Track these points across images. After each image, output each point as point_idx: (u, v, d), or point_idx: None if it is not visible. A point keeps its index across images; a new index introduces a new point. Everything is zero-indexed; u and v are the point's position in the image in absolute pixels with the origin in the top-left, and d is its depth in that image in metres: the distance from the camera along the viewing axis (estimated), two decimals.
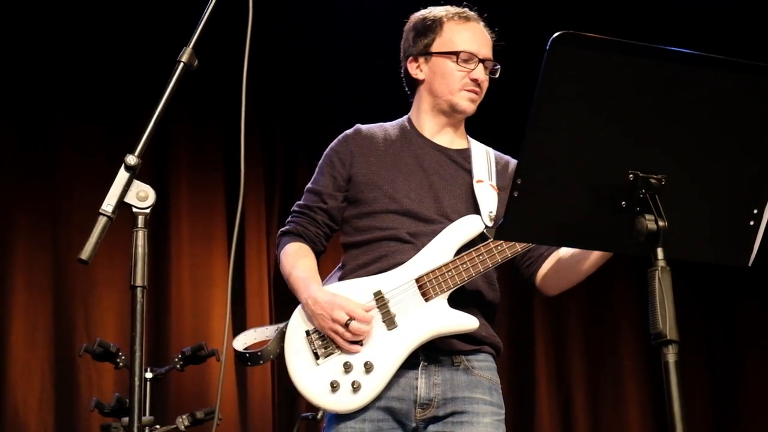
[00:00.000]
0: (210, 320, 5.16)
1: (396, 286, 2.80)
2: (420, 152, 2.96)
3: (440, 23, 2.97)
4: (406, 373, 2.78)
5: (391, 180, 2.90)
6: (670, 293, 1.90)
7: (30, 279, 4.96)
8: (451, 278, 2.78)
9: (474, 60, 2.94)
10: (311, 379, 2.76)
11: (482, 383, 2.85)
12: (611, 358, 5.96)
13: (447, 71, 2.94)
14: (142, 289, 1.93)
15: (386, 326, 2.77)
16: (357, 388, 2.72)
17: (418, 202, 2.88)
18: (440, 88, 2.95)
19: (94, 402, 3.99)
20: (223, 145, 5.43)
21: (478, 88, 2.95)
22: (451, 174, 2.95)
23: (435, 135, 3.00)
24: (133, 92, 5.11)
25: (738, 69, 1.97)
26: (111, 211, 1.94)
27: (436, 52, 2.95)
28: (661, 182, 1.97)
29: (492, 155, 3.04)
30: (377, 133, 2.99)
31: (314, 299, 2.78)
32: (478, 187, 2.92)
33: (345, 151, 2.96)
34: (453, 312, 2.79)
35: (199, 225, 5.32)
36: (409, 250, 2.84)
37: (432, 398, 2.78)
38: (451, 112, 2.97)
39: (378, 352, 2.75)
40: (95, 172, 4.95)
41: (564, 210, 2.01)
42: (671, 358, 1.88)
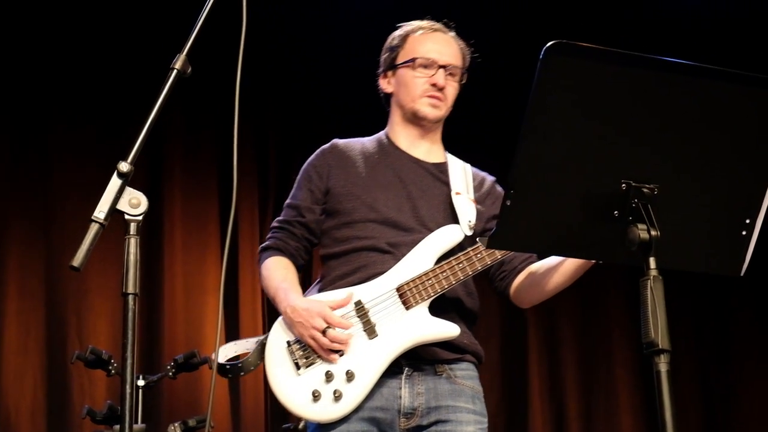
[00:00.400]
0: (203, 328, 5.15)
1: (376, 295, 2.82)
2: (397, 164, 3.00)
3: (405, 37, 3.05)
4: (389, 382, 2.79)
5: (369, 190, 2.94)
6: (662, 302, 1.91)
7: (23, 286, 4.95)
8: (431, 286, 2.81)
9: (433, 66, 2.98)
10: (292, 389, 2.77)
11: (465, 392, 2.87)
12: (604, 367, 5.96)
13: (408, 79, 3.00)
14: (134, 296, 1.92)
15: (367, 335, 2.79)
16: (338, 397, 2.73)
17: (396, 211, 2.91)
18: (403, 97, 3.02)
19: (85, 409, 3.98)
20: (217, 153, 5.42)
21: (440, 94, 2.98)
22: (428, 185, 2.99)
23: (410, 147, 3.04)
24: (126, 100, 5.10)
25: (731, 79, 1.98)
26: (103, 218, 1.94)
27: (399, 64, 3.03)
28: (653, 192, 1.98)
29: (469, 170, 3.08)
30: (354, 147, 3.05)
31: (293, 307, 2.80)
32: (456, 198, 2.96)
33: (322, 165, 3.00)
34: (434, 320, 2.81)
35: (193, 232, 5.31)
36: (389, 260, 2.86)
37: (416, 407, 2.79)
38: (416, 120, 3.01)
39: (359, 361, 2.76)
40: (88, 179, 4.94)
41: (556, 219, 2.01)
42: (663, 367, 1.89)
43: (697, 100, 1.98)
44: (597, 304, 5.97)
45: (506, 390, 5.79)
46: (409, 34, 3.06)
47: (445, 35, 3.07)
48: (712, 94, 1.98)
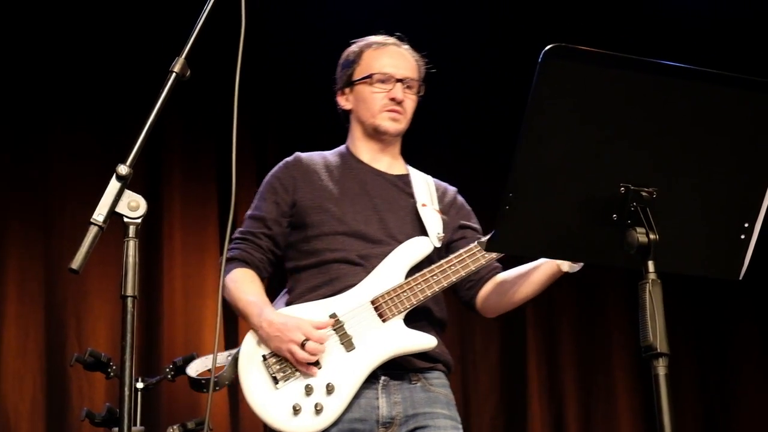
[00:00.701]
0: (202, 331, 5.15)
1: (351, 308, 2.84)
2: (362, 177, 3.02)
3: (360, 53, 3.08)
4: (366, 393, 2.81)
5: (337, 203, 2.95)
6: (661, 306, 1.91)
7: (22, 288, 4.95)
8: (407, 299, 2.84)
9: (391, 80, 3.02)
10: (271, 404, 2.77)
11: (440, 399, 2.90)
12: (603, 370, 5.95)
13: (366, 95, 3.03)
14: (133, 299, 1.92)
15: (345, 348, 2.80)
16: (320, 410, 2.74)
17: (365, 224, 2.93)
18: (363, 113, 3.04)
19: (84, 412, 3.97)
20: (216, 156, 5.41)
21: (399, 107, 3.01)
22: (393, 197, 3.01)
23: (373, 161, 3.07)
24: (125, 103, 5.09)
25: (729, 83, 1.98)
26: (102, 220, 1.94)
27: (356, 80, 3.05)
28: (652, 195, 1.99)
29: (431, 181, 3.13)
30: (317, 160, 3.06)
31: (269, 322, 2.80)
32: (422, 210, 2.99)
33: (287, 177, 3.01)
34: (411, 332, 2.85)
35: (192, 236, 5.31)
36: (360, 272, 2.88)
37: (394, 416, 2.82)
38: (377, 135, 3.04)
39: (338, 374, 2.78)
40: (87, 182, 4.94)
41: (555, 222, 2.01)
42: (661, 371, 1.89)
43: (695, 103, 1.98)
44: (596, 307, 5.96)
45: (505, 393, 5.79)
46: (364, 50, 3.09)
47: (399, 49, 3.10)
48: (710, 98, 1.98)
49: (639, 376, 5.91)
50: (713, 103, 1.98)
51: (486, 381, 5.78)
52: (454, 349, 5.58)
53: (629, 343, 5.93)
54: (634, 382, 5.92)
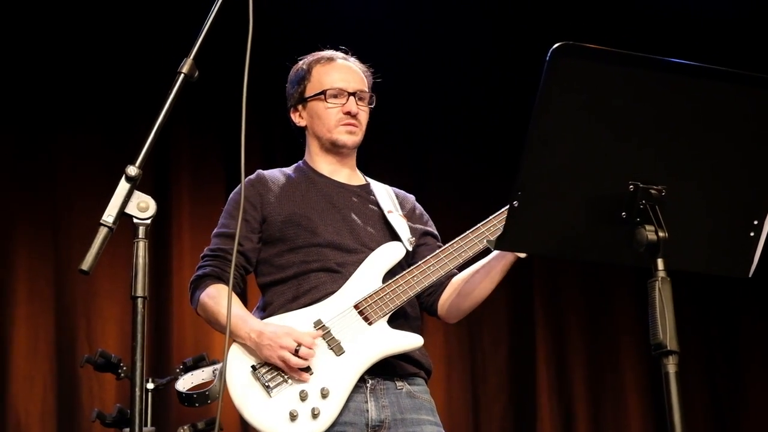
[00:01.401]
0: (211, 331, 5.12)
1: (335, 314, 2.88)
2: (326, 190, 3.06)
3: (309, 70, 3.12)
4: (354, 396, 2.85)
5: (307, 216, 2.98)
6: (671, 304, 1.91)
7: (31, 290, 4.97)
8: (391, 301, 2.89)
9: (343, 95, 3.06)
10: (267, 413, 2.78)
11: (425, 405, 2.96)
12: (612, 370, 5.95)
13: (321, 111, 3.07)
14: (143, 299, 1.93)
15: (334, 352, 2.84)
16: (317, 415, 2.77)
17: (338, 235, 2.98)
18: (319, 129, 3.08)
19: (95, 413, 3.98)
20: (225, 157, 5.42)
21: (354, 120, 3.06)
22: (359, 207, 3.06)
23: (333, 174, 3.11)
24: (133, 103, 5.11)
25: (739, 80, 1.98)
26: (112, 221, 1.94)
27: (308, 97, 3.09)
28: (661, 193, 1.98)
29: (390, 190, 3.18)
30: (279, 177, 3.09)
31: (258, 332, 2.82)
32: (390, 216, 3.05)
33: (253, 194, 3.01)
34: (397, 332, 2.90)
35: (201, 236, 5.30)
36: (339, 279, 2.93)
37: (383, 420, 2.87)
38: (335, 149, 3.08)
39: (331, 378, 2.81)
40: (95, 182, 4.96)
41: (564, 220, 2.01)
42: (671, 369, 1.89)
43: (704, 101, 1.98)
44: (605, 307, 5.96)
45: (514, 394, 5.79)
46: (313, 66, 3.13)
47: (347, 63, 3.15)
48: (719, 95, 1.98)
49: (648, 375, 5.91)
50: (722, 100, 1.98)
51: (495, 381, 5.78)
52: (463, 349, 5.60)
53: (638, 342, 5.93)
54: (644, 381, 5.92)
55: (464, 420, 5.59)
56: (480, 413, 5.68)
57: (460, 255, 2.91)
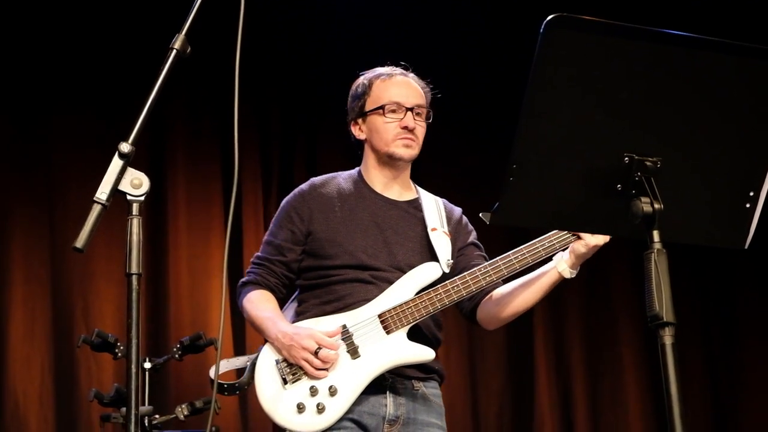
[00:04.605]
0: (208, 310, 5.16)
1: (360, 320, 3.06)
2: (374, 208, 3.20)
3: (369, 85, 3.24)
4: (375, 393, 3.04)
5: (349, 236, 3.13)
6: (667, 276, 1.90)
7: (28, 272, 4.96)
8: (411, 314, 3.05)
9: (401, 109, 3.17)
10: (279, 402, 2.99)
11: (436, 409, 3.14)
12: (610, 347, 5.96)
13: (379, 126, 3.19)
14: (138, 276, 1.93)
15: (350, 356, 3.02)
16: (321, 410, 2.97)
17: (374, 257, 3.12)
18: (377, 142, 3.20)
19: (93, 392, 3.99)
20: (220, 136, 5.41)
21: (411, 135, 3.17)
22: (403, 227, 3.20)
23: (384, 189, 3.24)
24: (126, 84, 5.09)
25: (734, 52, 1.96)
26: (105, 198, 1.94)
27: (368, 111, 3.21)
28: (656, 165, 1.97)
29: (440, 203, 3.30)
30: (332, 187, 3.23)
31: (284, 333, 3.02)
32: (433, 235, 3.18)
33: (303, 208, 3.18)
34: (412, 344, 3.06)
35: (197, 216, 5.32)
36: (373, 289, 3.10)
37: (399, 415, 3.06)
38: (392, 162, 3.21)
39: (342, 378, 3.00)
40: (91, 164, 4.93)
41: (559, 194, 2.00)
42: (668, 341, 1.88)
43: (698, 72, 1.96)
44: (602, 284, 5.96)
45: (512, 371, 5.81)
46: (373, 81, 3.24)
47: (406, 78, 3.25)
48: (715, 67, 1.96)
49: (645, 351, 5.92)
50: (717, 71, 1.97)
51: (493, 358, 5.79)
52: (461, 327, 5.60)
53: (635, 318, 5.94)
54: (641, 357, 5.93)
55: (462, 397, 5.61)
56: (478, 390, 5.70)
57: (485, 278, 3.06)
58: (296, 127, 5.64)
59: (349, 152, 3.34)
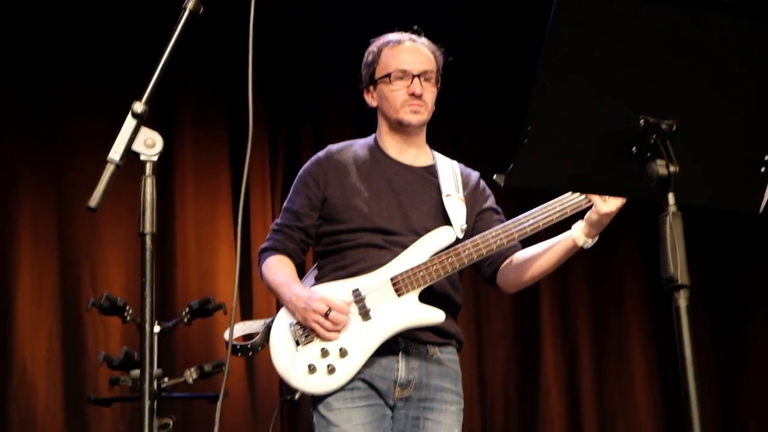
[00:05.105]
0: (215, 276, 5.16)
1: (372, 284, 3.09)
2: (389, 173, 3.23)
3: (378, 53, 3.27)
4: (387, 355, 3.08)
5: (364, 200, 3.17)
6: (681, 238, 1.90)
7: (35, 236, 4.96)
8: (422, 277, 3.08)
9: (408, 77, 3.19)
10: (291, 363, 3.07)
11: (450, 374, 3.17)
12: (616, 313, 5.96)
13: (387, 93, 3.22)
14: (151, 236, 1.92)
15: (362, 318, 3.07)
16: (332, 371, 3.02)
17: (388, 221, 3.15)
18: (387, 110, 3.23)
19: (102, 356, 3.99)
20: (226, 103, 5.40)
21: (419, 101, 3.19)
22: (418, 191, 3.22)
23: (399, 155, 3.26)
24: (136, 49, 5.07)
25: (752, 14, 1.95)
26: (118, 158, 1.93)
27: (377, 79, 3.25)
28: (672, 128, 1.96)
29: (456, 168, 3.31)
30: (348, 155, 3.26)
31: (297, 296, 3.08)
32: (447, 201, 3.19)
33: (319, 174, 3.23)
34: (422, 306, 3.09)
35: (204, 182, 5.31)
36: (386, 254, 3.12)
37: (410, 380, 3.09)
38: (402, 128, 3.23)
39: (353, 340, 3.05)
40: (98, 129, 4.92)
41: (574, 156, 2.00)
42: (682, 303, 1.88)
43: (716, 34, 1.95)
44: (608, 253, 5.94)
45: (519, 336, 5.81)
46: (382, 48, 3.26)
47: (414, 44, 3.26)
48: (731, 29, 1.96)
49: (651, 320, 5.93)
50: (735, 33, 1.96)
51: (499, 325, 5.80)
52: (468, 293, 5.60)
53: (641, 287, 5.94)
54: (646, 325, 5.93)
55: (468, 365, 5.61)
56: (485, 357, 5.71)
57: (495, 242, 3.07)
58: (304, 93, 5.62)
59: (358, 119, 3.33)
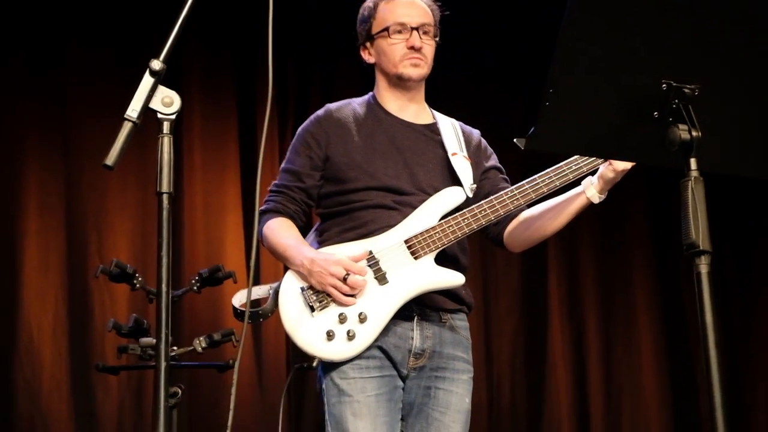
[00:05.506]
0: (223, 245, 5.16)
1: (385, 246, 2.99)
2: (391, 131, 3.14)
3: (374, 7, 3.19)
4: (402, 324, 2.99)
5: (369, 159, 3.07)
6: (703, 204, 1.89)
7: (42, 205, 4.95)
8: (439, 239, 2.99)
9: (407, 30, 3.12)
10: (307, 330, 2.94)
11: (463, 342, 3.10)
12: (623, 288, 5.96)
13: (386, 48, 3.14)
14: (168, 195, 1.90)
15: (378, 282, 2.96)
16: (352, 337, 2.91)
17: (396, 179, 3.07)
18: (386, 65, 3.15)
19: (111, 323, 3.97)
20: (236, 72, 5.38)
21: (419, 54, 3.12)
22: (422, 149, 3.14)
23: (400, 111, 3.18)
24: (145, 19, 5.05)
25: None
26: (136, 116, 1.91)
27: (374, 34, 3.16)
28: (694, 92, 1.94)
29: (458, 126, 3.23)
30: (347, 112, 3.17)
31: (310, 259, 2.95)
32: (454, 159, 3.11)
33: (320, 133, 3.12)
34: (441, 269, 3.00)
35: (211, 151, 5.29)
36: (396, 215, 3.03)
37: (425, 349, 3.01)
38: (402, 83, 3.15)
39: (371, 305, 2.94)
40: (106, 98, 4.92)
41: (595, 120, 1.98)
42: (704, 269, 1.87)
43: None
44: (616, 226, 5.95)
45: (526, 312, 5.81)
46: (378, 3, 3.19)
47: None
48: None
49: (658, 294, 5.92)
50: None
51: (507, 301, 5.79)
52: (477, 269, 5.60)
53: (648, 260, 5.94)
54: (654, 299, 5.94)
55: (475, 339, 5.57)
56: (492, 331, 5.71)
57: (512, 202, 3.00)
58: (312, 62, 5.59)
59: (368, 87, 3.31)
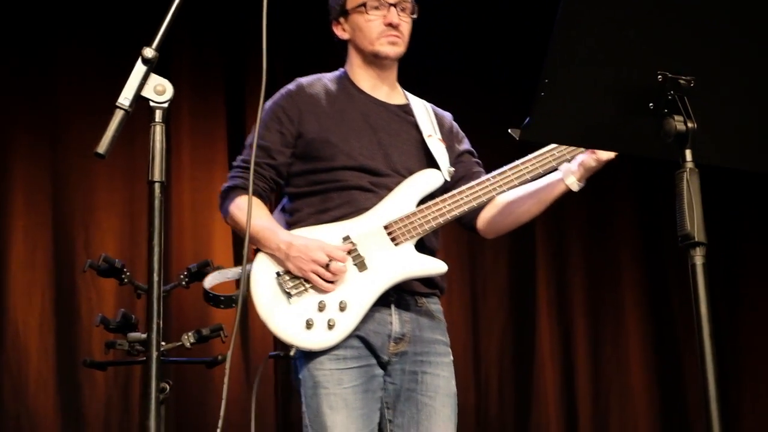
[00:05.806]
0: (211, 242, 5.13)
1: (363, 231, 2.90)
2: (364, 109, 3.04)
3: None
4: (381, 309, 2.91)
5: (343, 137, 2.97)
6: (698, 196, 1.88)
7: (29, 201, 4.92)
8: (420, 226, 2.91)
9: (384, 6, 3.02)
10: (284, 318, 2.83)
11: (440, 326, 3.03)
12: (612, 288, 5.95)
13: (362, 24, 3.03)
14: (160, 184, 1.88)
15: (357, 268, 2.88)
16: (332, 326, 2.82)
17: (371, 159, 2.97)
18: (362, 41, 3.04)
19: (99, 318, 3.94)
20: (224, 69, 5.36)
21: (396, 31, 3.02)
22: (396, 130, 3.05)
23: (373, 90, 3.09)
24: (134, 17, 5.03)
25: None
26: (128, 104, 1.89)
27: (350, 9, 3.05)
28: (690, 84, 1.94)
29: (430, 108, 3.15)
30: (319, 88, 3.06)
31: (288, 243, 2.84)
32: (430, 141, 3.04)
33: (292, 108, 3.00)
34: (424, 257, 2.94)
35: (200, 149, 5.27)
36: (372, 198, 2.94)
37: (404, 333, 2.94)
38: (378, 61, 3.05)
39: (351, 292, 2.85)
40: (94, 95, 4.88)
41: (591, 110, 1.98)
42: (698, 261, 1.87)
43: None
44: (604, 225, 5.95)
45: (514, 312, 5.80)
46: None
47: None
48: None
49: (646, 293, 5.93)
50: None
51: (495, 300, 5.79)
52: (464, 268, 5.60)
53: (637, 259, 5.94)
54: (642, 298, 5.94)
55: (463, 339, 5.60)
56: (480, 331, 5.70)
57: (495, 189, 2.93)
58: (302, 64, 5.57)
59: None
